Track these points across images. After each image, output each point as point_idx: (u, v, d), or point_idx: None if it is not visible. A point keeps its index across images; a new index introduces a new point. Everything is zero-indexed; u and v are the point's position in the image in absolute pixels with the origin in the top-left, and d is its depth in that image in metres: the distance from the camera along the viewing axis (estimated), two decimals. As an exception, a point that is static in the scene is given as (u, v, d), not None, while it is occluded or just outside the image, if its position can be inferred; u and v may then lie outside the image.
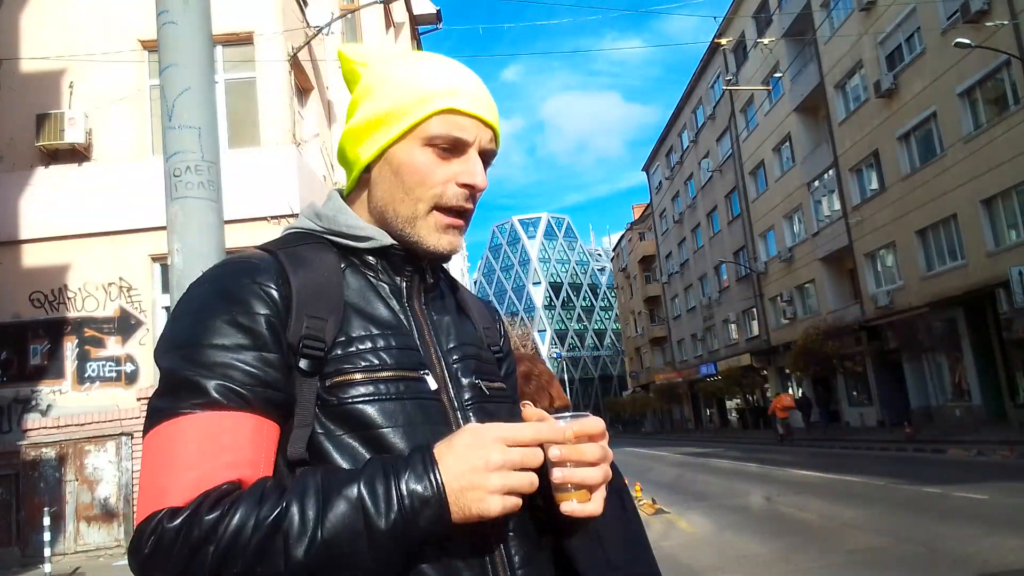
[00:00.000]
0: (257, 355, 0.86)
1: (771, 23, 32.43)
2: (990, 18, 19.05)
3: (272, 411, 0.86)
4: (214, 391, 0.83)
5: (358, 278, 1.00)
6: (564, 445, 0.87)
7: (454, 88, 0.97)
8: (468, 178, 0.98)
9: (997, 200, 20.20)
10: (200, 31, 3.04)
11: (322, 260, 0.98)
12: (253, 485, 0.81)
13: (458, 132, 0.97)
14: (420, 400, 0.93)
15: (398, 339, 0.96)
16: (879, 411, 26.82)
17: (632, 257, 63.82)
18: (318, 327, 0.91)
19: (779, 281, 34.72)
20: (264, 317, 0.88)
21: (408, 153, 0.97)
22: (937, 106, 21.99)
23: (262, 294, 0.89)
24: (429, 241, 0.99)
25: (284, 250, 0.97)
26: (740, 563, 7.22)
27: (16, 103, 10.64)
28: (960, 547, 6.81)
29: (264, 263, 0.93)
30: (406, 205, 0.98)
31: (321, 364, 0.90)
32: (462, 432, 0.84)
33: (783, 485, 13.32)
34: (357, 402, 0.89)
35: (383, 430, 0.89)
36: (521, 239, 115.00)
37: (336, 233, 1.01)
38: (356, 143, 1.01)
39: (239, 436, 0.83)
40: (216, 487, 0.79)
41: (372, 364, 0.92)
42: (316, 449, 0.88)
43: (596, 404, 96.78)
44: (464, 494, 0.80)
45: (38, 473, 9.62)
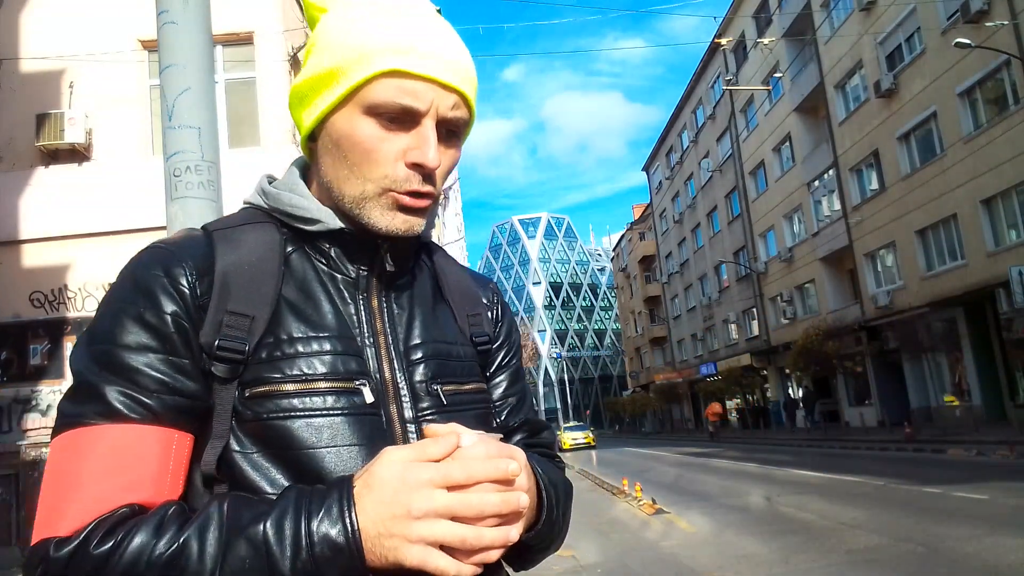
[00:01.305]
0: (165, 359, 0.76)
1: (771, 23, 32.43)
2: (990, 18, 19.06)
3: (184, 421, 0.77)
4: (117, 402, 0.74)
5: (305, 267, 0.87)
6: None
7: (403, 43, 0.80)
8: (418, 156, 0.82)
9: (997, 200, 20.20)
10: (200, 31, 3.04)
11: (262, 245, 0.86)
12: (153, 512, 0.71)
13: (406, 99, 0.80)
14: (354, 416, 0.81)
15: (337, 342, 0.83)
16: (879, 411, 26.84)
17: (632, 257, 63.82)
18: (240, 325, 0.79)
19: (779, 281, 34.72)
20: (171, 316, 0.77)
21: (348, 123, 0.82)
22: (937, 106, 21.99)
23: (171, 288, 0.78)
24: (381, 222, 0.84)
25: (223, 230, 0.86)
26: (740, 563, 7.22)
27: (16, 103, 10.64)
28: (960, 547, 6.80)
29: (185, 250, 0.82)
30: (352, 184, 0.84)
31: (239, 369, 0.79)
32: (389, 465, 0.71)
33: (783, 485, 13.32)
34: (277, 417, 0.78)
35: (306, 452, 0.78)
36: (521, 239, 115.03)
37: (281, 213, 0.89)
38: (299, 106, 0.88)
39: (142, 452, 0.73)
40: (112, 512, 0.70)
41: (300, 373, 0.80)
42: (230, 467, 0.77)
43: (596, 404, 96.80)
44: (381, 540, 0.69)
45: (38, 473, 9.63)
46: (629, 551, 8.55)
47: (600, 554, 8.53)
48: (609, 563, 7.97)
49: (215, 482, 0.78)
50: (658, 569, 7.45)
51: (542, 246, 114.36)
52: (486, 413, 0.97)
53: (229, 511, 0.70)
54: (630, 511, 11.84)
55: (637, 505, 12.08)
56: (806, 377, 30.35)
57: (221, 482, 0.78)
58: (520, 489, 0.75)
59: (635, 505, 12.17)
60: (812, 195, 30.87)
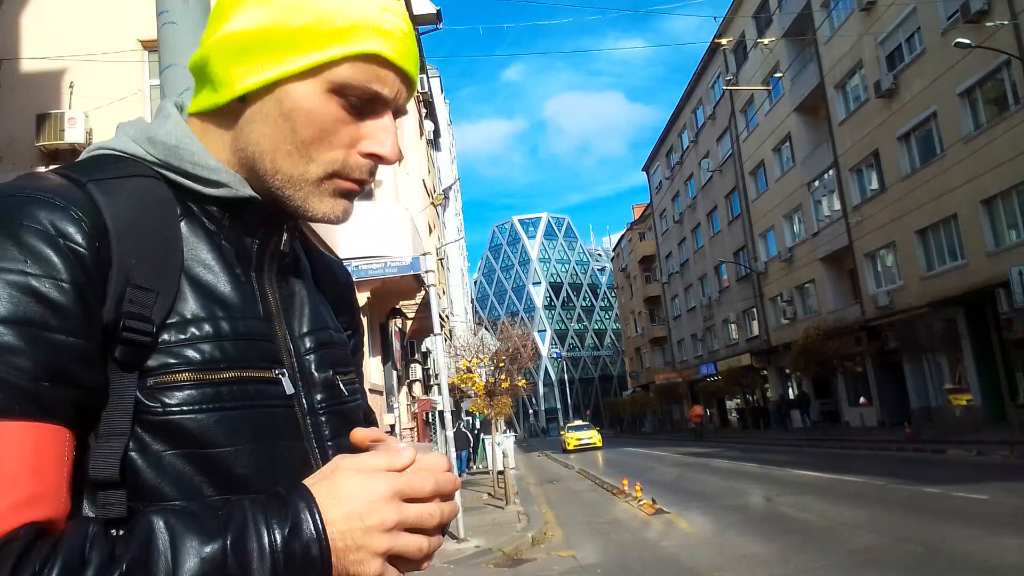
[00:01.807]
0: (59, 339, 0.60)
1: (771, 23, 32.43)
2: (990, 18, 19.05)
3: (75, 418, 0.62)
4: (3, 394, 0.57)
5: (197, 232, 0.75)
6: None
7: (386, 25, 0.73)
8: (377, 147, 0.76)
9: (997, 200, 20.20)
10: (200, 31, 3.03)
11: (156, 204, 0.72)
12: (70, 535, 0.57)
13: (378, 85, 0.74)
14: (272, 408, 0.73)
15: (245, 324, 0.74)
16: (879, 411, 26.83)
17: (632, 257, 63.83)
18: (144, 302, 0.67)
19: (779, 281, 34.71)
20: (71, 284, 0.62)
21: (308, 97, 0.72)
22: (937, 106, 21.99)
23: (67, 248, 0.62)
24: (318, 208, 0.76)
25: (100, 183, 0.69)
26: (740, 563, 7.22)
27: (16, 103, 10.65)
28: (960, 547, 6.81)
29: (70, 201, 0.65)
30: (293, 162, 0.74)
31: (145, 354, 0.67)
32: (354, 475, 0.66)
33: (783, 485, 13.32)
34: (186, 411, 0.67)
35: (220, 450, 0.68)
36: (521, 239, 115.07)
37: (174, 169, 0.75)
38: (234, 59, 0.73)
39: (35, 458, 0.58)
40: (12, 534, 0.55)
41: (210, 358, 0.69)
42: (129, 470, 0.65)
43: (596, 404, 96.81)
44: (347, 554, 0.64)
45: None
46: (629, 551, 8.55)
47: (600, 554, 8.53)
48: (609, 563, 7.97)
49: (108, 488, 0.64)
50: (658, 569, 7.45)
51: (542, 246, 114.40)
52: (363, 404, 0.91)
53: (173, 528, 0.59)
54: (630, 511, 11.84)
55: (637, 505, 12.08)
56: (805, 378, 30.38)
57: (116, 488, 0.64)
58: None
59: (635, 505, 12.17)
60: (812, 195, 30.87)
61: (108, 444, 0.64)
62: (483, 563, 8.34)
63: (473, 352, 17.67)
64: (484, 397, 16.72)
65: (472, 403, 19.89)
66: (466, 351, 18.51)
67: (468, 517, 10.31)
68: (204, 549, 0.58)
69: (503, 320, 23.98)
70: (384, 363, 16.47)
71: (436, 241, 29.38)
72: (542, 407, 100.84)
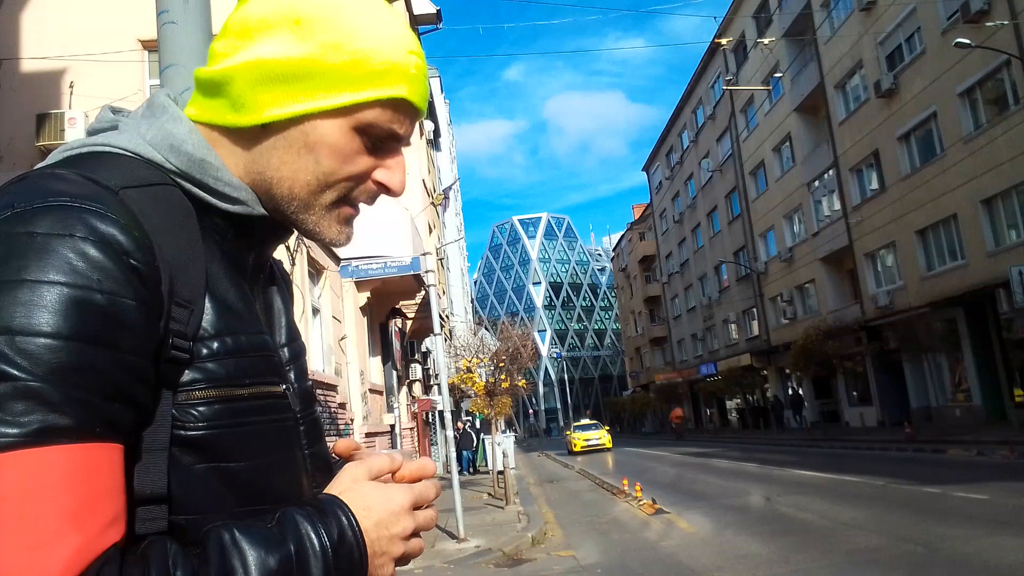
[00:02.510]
0: (127, 358, 0.60)
1: (771, 23, 32.43)
2: (990, 18, 19.06)
3: (131, 435, 0.63)
4: (74, 412, 0.56)
5: (211, 247, 0.75)
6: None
7: (412, 70, 0.76)
8: (387, 180, 0.79)
9: (997, 200, 20.20)
10: (200, 31, 3.04)
11: (182, 217, 0.71)
12: (155, 555, 0.59)
13: (398, 127, 0.77)
14: (283, 421, 0.76)
15: (258, 338, 0.75)
16: (879, 411, 26.84)
17: (632, 257, 63.83)
18: (183, 318, 0.67)
19: (779, 281, 34.72)
20: (136, 301, 0.61)
21: (335, 133, 0.75)
22: (937, 106, 22.00)
23: (128, 264, 0.61)
24: (327, 232, 0.79)
25: (131, 189, 0.68)
26: (740, 563, 7.22)
27: (16, 103, 10.65)
28: (960, 547, 6.81)
29: (117, 212, 0.63)
30: (310, 190, 0.77)
31: (180, 371, 0.67)
32: (370, 487, 0.73)
33: (783, 485, 13.32)
34: (212, 427, 0.68)
35: (243, 464, 0.71)
36: (521, 239, 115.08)
37: (195, 181, 0.74)
38: (262, 86, 0.73)
39: (112, 479, 0.59)
40: (102, 559, 0.56)
41: (231, 374, 0.70)
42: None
43: (596, 404, 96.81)
44: (374, 559, 0.71)
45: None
46: (629, 551, 8.55)
47: (600, 554, 8.53)
48: (609, 563, 7.97)
49: (152, 503, 0.65)
50: (658, 569, 7.45)
51: (542, 246, 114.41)
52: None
53: (243, 546, 0.62)
54: (630, 511, 11.84)
55: (637, 505, 12.08)
56: (804, 377, 30.38)
57: (160, 503, 0.66)
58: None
59: (635, 505, 12.17)
60: (812, 195, 30.88)
61: (151, 459, 0.65)
62: (483, 563, 8.34)
63: (473, 352, 17.66)
64: (484, 397, 16.72)
65: (472, 403, 19.89)
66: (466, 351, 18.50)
67: (468, 517, 10.31)
68: (270, 560, 0.62)
69: (503, 320, 24.00)
70: (384, 363, 16.47)
71: (436, 241, 29.38)
72: (542, 407, 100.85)
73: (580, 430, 35.94)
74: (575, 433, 35.58)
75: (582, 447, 33.83)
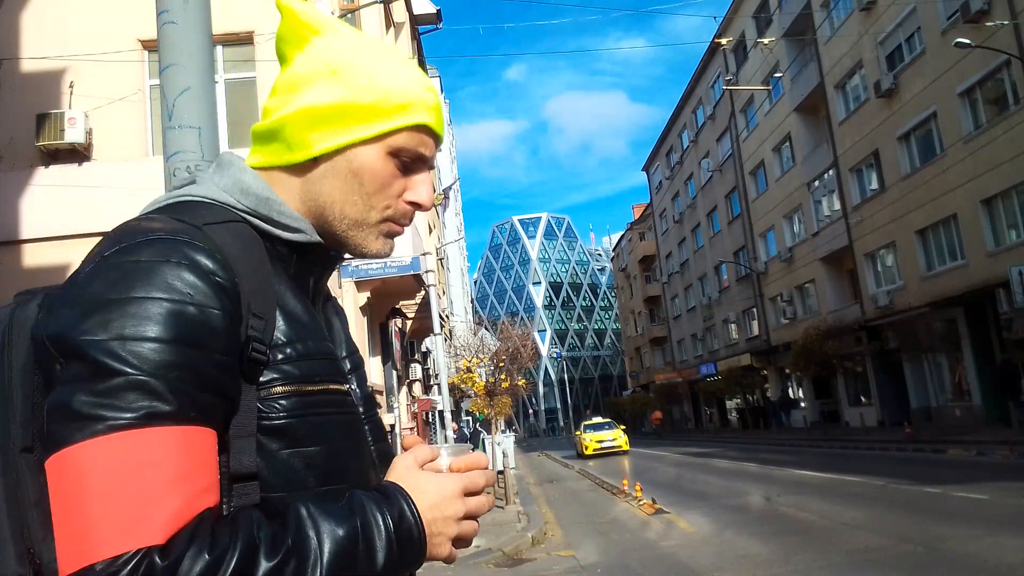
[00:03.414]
0: (217, 357, 0.75)
1: (771, 23, 32.43)
2: (990, 18, 19.05)
3: (223, 422, 0.77)
4: (175, 399, 0.71)
5: (278, 271, 0.90)
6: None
7: (429, 102, 0.93)
8: (417, 197, 0.95)
9: (997, 200, 20.20)
10: (200, 31, 3.04)
11: (253, 246, 0.87)
12: (242, 519, 0.73)
13: (423, 149, 0.94)
14: (349, 415, 0.90)
15: (324, 345, 0.90)
16: (879, 411, 26.83)
17: (632, 257, 63.82)
18: (259, 327, 0.82)
19: (779, 281, 34.72)
20: (222, 311, 0.76)
21: (373, 158, 0.91)
22: (937, 106, 21.99)
23: (215, 282, 0.77)
24: (373, 246, 0.95)
25: (214, 225, 0.84)
26: (740, 563, 7.22)
27: (16, 103, 10.64)
28: (960, 547, 6.81)
29: (207, 244, 0.79)
30: (359, 210, 0.92)
31: (260, 370, 0.81)
32: (424, 474, 0.87)
33: (783, 485, 13.32)
34: (291, 416, 0.82)
35: (317, 448, 0.84)
36: (521, 239, 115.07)
37: (262, 217, 0.90)
38: (311, 126, 0.90)
39: (206, 455, 0.73)
40: (198, 518, 0.70)
41: (305, 374, 0.85)
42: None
43: (596, 404, 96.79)
44: (432, 539, 0.84)
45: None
46: (629, 551, 8.55)
47: (600, 554, 8.53)
48: (609, 563, 7.98)
49: (244, 480, 0.79)
50: (658, 569, 7.45)
51: (542, 246, 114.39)
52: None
53: (317, 517, 0.76)
54: (630, 511, 11.84)
55: (637, 505, 12.08)
56: (804, 377, 30.40)
57: (251, 480, 0.79)
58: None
59: (635, 505, 12.17)
60: (812, 195, 30.87)
61: (241, 443, 0.79)
62: (483, 563, 8.34)
63: (473, 352, 17.67)
64: (484, 397, 16.72)
65: (472, 403, 19.88)
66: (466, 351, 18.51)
67: (468, 517, 10.29)
68: (340, 530, 0.76)
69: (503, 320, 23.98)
70: (384, 363, 16.46)
71: (436, 241, 29.37)
72: (542, 407, 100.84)
73: (592, 430, 31.64)
74: (586, 433, 31.24)
75: (594, 450, 29.74)
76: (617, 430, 30.84)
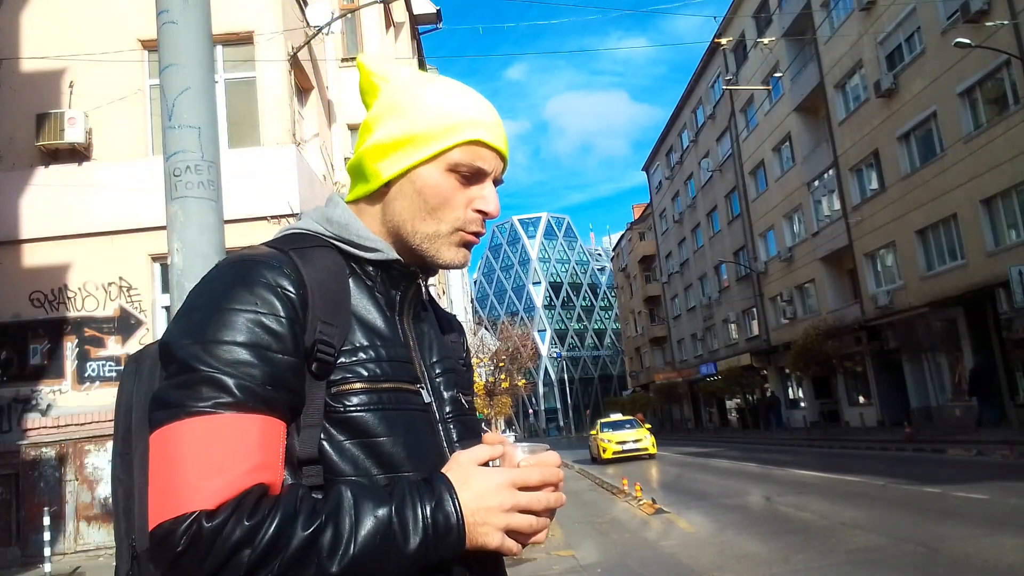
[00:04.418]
0: (279, 357, 0.88)
1: (771, 23, 32.44)
2: (990, 18, 19.05)
3: (287, 413, 0.89)
4: (239, 392, 0.84)
5: (359, 287, 1.03)
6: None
7: (481, 120, 1.03)
8: (484, 205, 1.04)
9: (997, 200, 20.20)
10: (200, 31, 3.04)
11: (333, 266, 1.01)
12: (287, 493, 0.84)
13: (480, 162, 1.02)
14: (415, 412, 0.99)
15: (396, 351, 1.00)
16: (879, 411, 26.84)
17: (632, 257, 63.83)
18: (330, 333, 0.94)
19: (779, 281, 34.72)
20: (287, 319, 0.90)
21: (433, 176, 1.02)
22: (937, 106, 21.99)
23: (283, 295, 0.91)
24: (447, 256, 1.05)
25: (296, 250, 0.99)
26: (740, 563, 7.22)
27: (16, 103, 10.64)
28: (960, 547, 6.81)
29: (282, 263, 0.94)
30: (428, 224, 1.03)
31: (330, 369, 0.93)
32: (471, 467, 0.93)
33: (783, 485, 13.32)
34: (359, 410, 0.93)
35: (382, 439, 0.94)
36: (521, 239, 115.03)
37: (345, 240, 1.04)
38: (379, 158, 1.04)
39: (263, 439, 0.85)
40: (247, 491, 0.81)
41: (374, 374, 0.96)
42: (320, 452, 0.92)
43: (596, 404, 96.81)
44: (476, 528, 0.89)
45: (38, 473, 9.63)
46: (629, 551, 8.55)
47: (600, 554, 8.53)
48: (609, 563, 7.97)
49: (310, 464, 0.90)
50: (658, 569, 7.45)
51: (542, 246, 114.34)
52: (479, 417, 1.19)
53: (355, 497, 0.85)
54: (630, 511, 11.84)
55: (637, 505, 12.08)
56: (804, 377, 30.42)
57: (316, 464, 0.90)
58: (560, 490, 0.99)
59: (635, 505, 12.17)
60: (812, 195, 30.88)
61: (308, 432, 0.91)
62: (483, 563, 8.32)
63: (473, 352, 17.66)
64: (484, 397, 16.71)
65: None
66: (466, 351, 18.49)
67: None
68: (377, 511, 0.84)
69: (503, 320, 23.94)
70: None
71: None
72: (542, 407, 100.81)
73: (610, 429, 25.62)
74: (604, 433, 25.13)
75: (615, 453, 24.04)
76: (642, 429, 25.31)
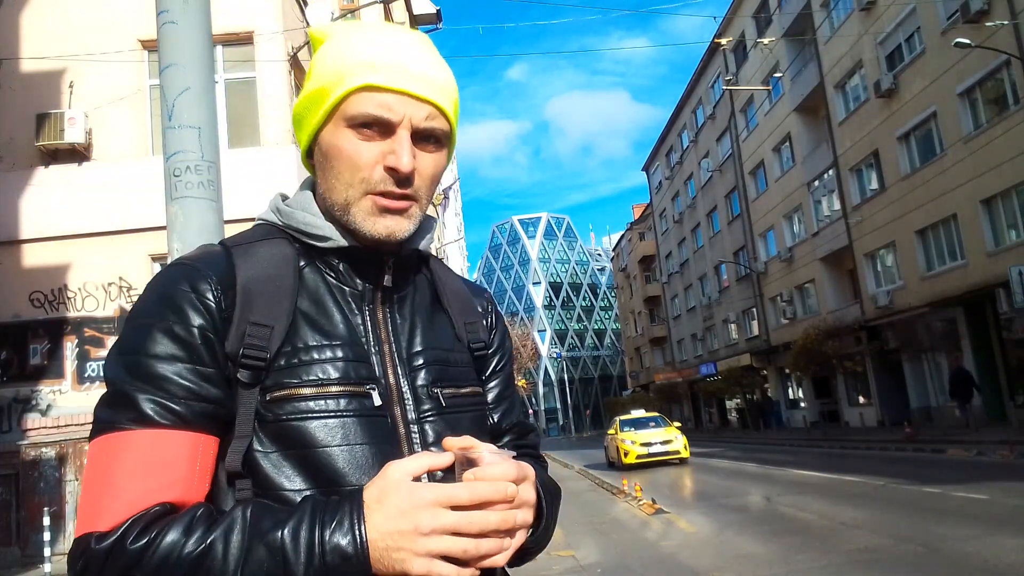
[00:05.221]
0: (192, 368, 0.83)
1: (771, 23, 32.44)
2: (990, 18, 19.05)
3: (210, 425, 0.83)
4: (149, 409, 0.80)
5: (317, 280, 0.94)
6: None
7: (372, 61, 0.88)
8: (392, 161, 0.88)
9: (997, 200, 20.20)
10: (200, 31, 3.04)
11: (279, 260, 0.92)
12: (184, 513, 0.78)
13: (377, 110, 0.87)
14: (364, 417, 0.88)
15: (349, 350, 0.91)
16: (879, 411, 26.84)
17: (632, 257, 63.82)
18: (261, 335, 0.86)
19: (779, 281, 34.72)
20: (199, 329, 0.84)
21: (333, 136, 0.90)
22: (937, 106, 21.99)
23: (198, 303, 0.85)
24: (364, 227, 0.91)
25: (241, 246, 0.93)
26: (740, 563, 7.22)
27: (16, 103, 10.64)
28: (960, 547, 6.80)
29: (209, 266, 0.88)
30: (338, 192, 0.91)
31: (262, 375, 0.86)
32: (396, 484, 0.78)
33: (783, 485, 13.32)
34: (295, 419, 0.85)
35: (320, 449, 0.85)
36: (521, 239, 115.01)
37: (294, 230, 0.96)
38: (298, 128, 0.96)
39: (173, 455, 0.80)
40: (146, 510, 0.77)
41: (316, 378, 0.87)
42: (252, 465, 0.85)
43: (596, 404, 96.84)
44: (389, 553, 0.76)
45: (38, 473, 9.63)
46: (629, 551, 8.55)
47: (600, 554, 8.53)
48: (609, 563, 7.97)
49: (238, 478, 0.84)
50: (658, 569, 7.45)
51: (542, 246, 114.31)
52: (481, 415, 1.04)
53: (252, 517, 0.78)
54: (630, 511, 11.84)
55: (637, 505, 12.08)
56: (804, 377, 30.41)
57: (244, 478, 0.84)
58: (525, 504, 0.82)
59: (635, 505, 12.17)
60: (812, 195, 30.88)
61: (236, 443, 0.85)
62: (483, 563, 8.32)
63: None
64: (484, 397, 16.71)
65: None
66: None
67: (468, 517, 10.29)
68: (270, 534, 0.76)
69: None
70: (384, 363, 16.40)
71: (436, 241, 29.36)
72: (542, 407, 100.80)
73: (632, 427, 21.16)
74: (625, 433, 20.71)
75: (639, 457, 19.72)
76: (671, 427, 21.09)
